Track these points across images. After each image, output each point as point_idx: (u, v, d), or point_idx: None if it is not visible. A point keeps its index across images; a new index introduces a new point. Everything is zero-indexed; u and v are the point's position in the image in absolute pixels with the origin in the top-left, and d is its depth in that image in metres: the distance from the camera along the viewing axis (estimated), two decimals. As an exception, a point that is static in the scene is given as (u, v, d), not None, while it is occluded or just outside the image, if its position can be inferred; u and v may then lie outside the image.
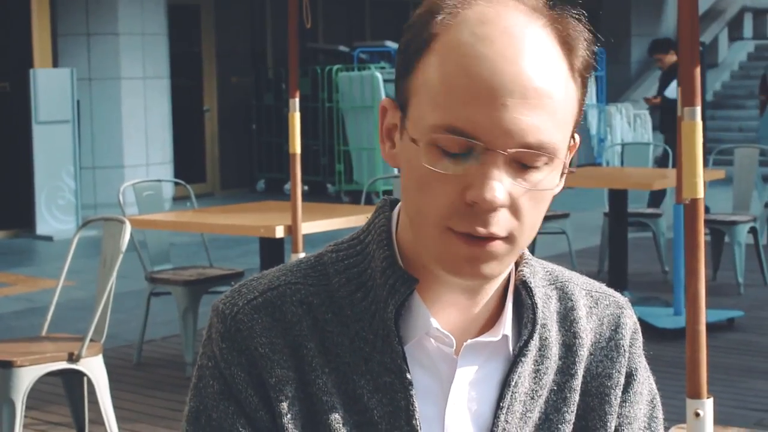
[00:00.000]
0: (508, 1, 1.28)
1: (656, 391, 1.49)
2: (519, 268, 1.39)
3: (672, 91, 12.20)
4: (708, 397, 3.03)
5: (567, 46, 1.28)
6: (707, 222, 8.49)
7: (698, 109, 3.02)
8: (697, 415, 2.99)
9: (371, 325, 1.34)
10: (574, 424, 1.42)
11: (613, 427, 1.44)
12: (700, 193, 2.99)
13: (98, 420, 5.18)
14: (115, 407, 5.21)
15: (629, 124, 18.86)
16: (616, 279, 8.46)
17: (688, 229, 3.00)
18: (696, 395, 3.01)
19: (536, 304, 1.38)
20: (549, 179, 1.27)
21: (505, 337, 1.37)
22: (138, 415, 5.92)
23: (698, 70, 3.06)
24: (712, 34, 21.95)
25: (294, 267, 1.40)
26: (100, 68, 13.51)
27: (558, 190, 1.30)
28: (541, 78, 1.24)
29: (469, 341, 1.35)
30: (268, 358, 1.32)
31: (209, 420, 1.33)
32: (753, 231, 8.85)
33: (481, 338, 1.36)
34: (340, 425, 1.32)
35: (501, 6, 1.27)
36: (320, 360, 1.33)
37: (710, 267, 9.05)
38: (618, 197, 8.67)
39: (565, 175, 1.30)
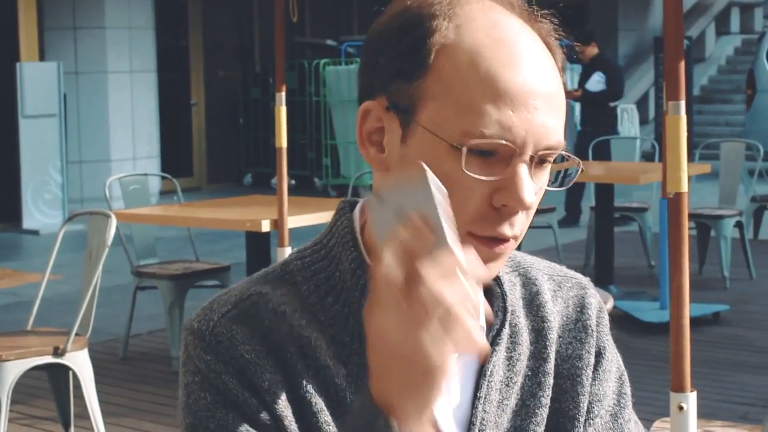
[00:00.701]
0: (491, 2, 1.31)
1: (624, 368, 1.52)
2: None
3: (593, 83, 12.00)
4: (692, 391, 3.03)
5: (548, 45, 1.32)
6: (693, 216, 8.51)
7: (682, 103, 3.02)
8: (681, 408, 3.00)
9: (346, 327, 1.33)
10: (548, 406, 1.43)
11: (585, 407, 1.45)
12: (684, 188, 2.99)
13: (84, 414, 5.17)
14: (101, 401, 5.20)
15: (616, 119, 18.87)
16: (603, 273, 8.47)
17: (672, 223, 3.00)
18: (680, 389, 3.01)
19: (505, 292, 1.41)
20: (548, 176, 1.30)
21: (480, 328, 1.37)
22: (124, 410, 5.91)
23: (683, 64, 3.06)
24: (699, 29, 22.00)
25: (261, 278, 1.38)
26: (86, 62, 13.48)
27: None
28: (556, 80, 1.29)
29: None
30: (256, 363, 1.30)
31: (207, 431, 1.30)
32: (739, 225, 8.88)
33: None
34: (330, 428, 1.31)
35: (496, 7, 1.30)
36: (302, 364, 1.32)
37: (696, 261, 9.07)
38: (604, 192, 8.68)
39: (579, 172, 1.33)
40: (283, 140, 5.99)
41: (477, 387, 1.37)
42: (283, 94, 5.98)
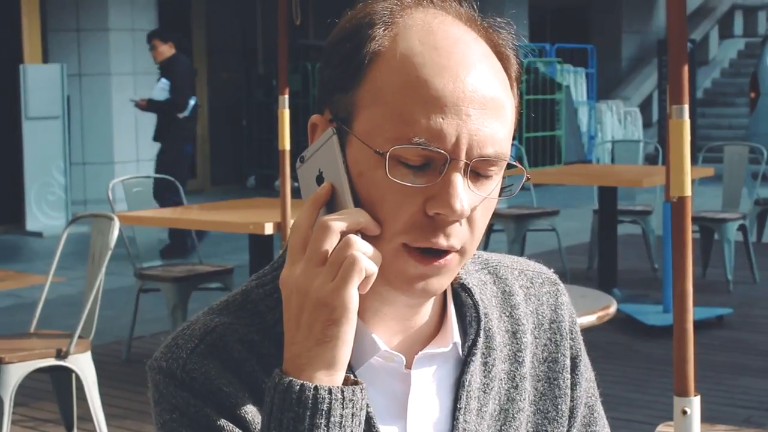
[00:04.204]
0: (439, 11, 1.29)
1: (585, 351, 1.52)
2: None
3: (158, 91, 10.61)
4: (695, 395, 3.03)
5: (501, 55, 1.30)
6: (696, 219, 8.50)
7: (686, 107, 3.01)
8: (685, 412, 2.99)
9: None
10: (526, 410, 1.42)
11: (564, 409, 1.45)
12: (688, 191, 2.98)
13: (87, 417, 5.17)
14: (104, 404, 5.20)
15: (619, 122, 18.88)
16: (606, 276, 8.47)
17: (676, 227, 2.99)
18: (683, 393, 3.00)
19: (477, 302, 1.38)
20: (497, 188, 1.28)
21: (454, 344, 1.36)
22: (126, 412, 5.91)
23: (686, 68, 3.05)
24: (702, 32, 22.01)
25: (222, 309, 1.34)
26: (90, 64, 13.50)
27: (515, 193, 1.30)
28: (495, 88, 1.25)
29: (420, 354, 1.34)
30: (235, 395, 1.26)
31: None
32: (742, 228, 8.87)
33: (432, 350, 1.35)
34: None
35: (440, 16, 1.28)
36: None
37: (700, 264, 9.07)
38: (608, 194, 8.68)
39: (522, 182, 1.32)
40: (286, 143, 5.99)
41: (456, 398, 1.35)
42: (287, 96, 5.98)
